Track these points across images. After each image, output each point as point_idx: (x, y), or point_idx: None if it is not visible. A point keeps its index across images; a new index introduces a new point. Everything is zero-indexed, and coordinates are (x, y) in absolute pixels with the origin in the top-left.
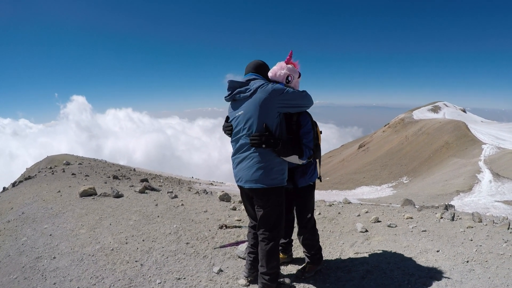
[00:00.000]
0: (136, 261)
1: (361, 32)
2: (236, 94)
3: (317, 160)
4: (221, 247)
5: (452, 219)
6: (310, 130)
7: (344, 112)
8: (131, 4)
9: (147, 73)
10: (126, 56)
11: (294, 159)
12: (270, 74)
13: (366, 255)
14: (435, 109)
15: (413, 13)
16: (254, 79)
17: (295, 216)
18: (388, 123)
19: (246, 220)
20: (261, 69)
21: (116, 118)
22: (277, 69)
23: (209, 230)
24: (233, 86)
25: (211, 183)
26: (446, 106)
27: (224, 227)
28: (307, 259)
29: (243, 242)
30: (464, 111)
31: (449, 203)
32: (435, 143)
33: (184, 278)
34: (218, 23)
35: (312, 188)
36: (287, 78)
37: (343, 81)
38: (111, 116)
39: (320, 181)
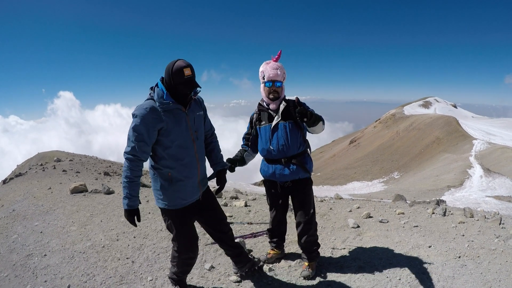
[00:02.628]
0: (127, 258)
1: (352, 26)
2: None
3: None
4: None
5: (444, 215)
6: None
7: (335, 107)
8: None
9: (136, 68)
10: (114, 51)
11: (319, 126)
12: (270, 74)
13: (358, 251)
14: (426, 105)
15: (403, 8)
16: None
17: (295, 213)
18: (379, 119)
19: (238, 217)
20: None
21: (105, 114)
22: (275, 69)
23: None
24: None
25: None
26: (437, 101)
27: None
28: (307, 256)
29: (234, 238)
30: (455, 106)
31: (441, 199)
32: (426, 138)
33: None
34: (207, 17)
35: (311, 181)
36: (283, 75)
37: (334, 77)
38: (100, 112)
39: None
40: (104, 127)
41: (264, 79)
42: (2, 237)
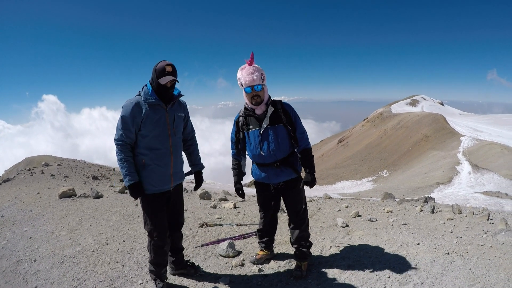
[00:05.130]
0: (117, 262)
1: (337, 25)
2: None
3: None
4: (202, 245)
5: (432, 212)
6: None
7: (322, 107)
8: None
9: (121, 71)
10: (97, 53)
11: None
12: (246, 80)
13: (347, 250)
14: (413, 103)
15: (388, 7)
16: None
17: (288, 210)
18: (367, 118)
19: (227, 218)
20: None
21: (91, 117)
22: (251, 74)
23: (190, 229)
24: None
25: (191, 181)
26: (424, 99)
27: (205, 226)
28: (300, 255)
29: (224, 240)
30: (442, 104)
31: (429, 196)
32: (414, 136)
33: (167, 278)
34: (194, 18)
35: (301, 178)
36: (261, 77)
37: (320, 77)
38: (86, 116)
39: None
40: (91, 130)
41: (242, 85)
42: None
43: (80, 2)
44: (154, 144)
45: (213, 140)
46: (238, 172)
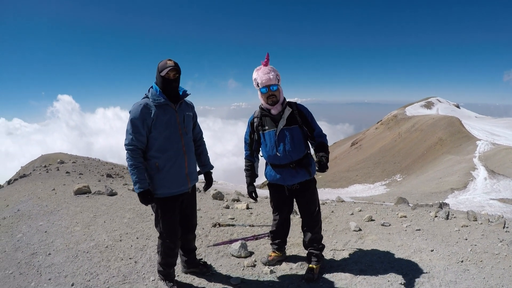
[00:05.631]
0: (130, 258)
1: (351, 27)
2: None
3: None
4: (214, 245)
5: (447, 218)
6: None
7: (335, 109)
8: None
9: (134, 72)
10: (111, 54)
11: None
12: (263, 80)
13: (360, 254)
14: (428, 105)
15: (403, 8)
16: None
17: (301, 212)
18: (381, 120)
19: (240, 219)
20: None
21: (105, 117)
22: (267, 74)
23: (203, 229)
24: None
25: (203, 181)
26: (439, 101)
27: (218, 226)
28: (312, 258)
29: (236, 240)
30: (457, 106)
31: (444, 201)
32: (429, 139)
33: (178, 276)
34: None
35: (315, 180)
36: (277, 77)
37: (334, 78)
38: (100, 115)
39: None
40: (105, 129)
41: (258, 86)
42: (7, 235)
43: (96, 2)
44: (166, 146)
45: (226, 140)
46: (251, 173)
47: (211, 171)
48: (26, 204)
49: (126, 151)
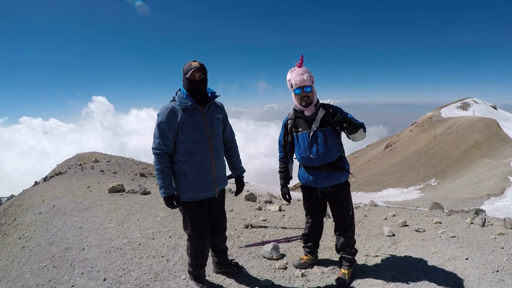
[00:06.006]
0: (162, 256)
1: (385, 27)
2: None
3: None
4: (246, 246)
5: (483, 225)
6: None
7: (369, 110)
8: (154, 2)
9: (167, 73)
10: (144, 57)
11: (361, 133)
12: (297, 81)
13: (393, 260)
14: (464, 106)
15: (439, 7)
16: None
17: (334, 216)
18: (415, 122)
19: (272, 221)
20: None
21: (138, 118)
22: (301, 75)
23: (235, 229)
24: None
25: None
26: (476, 102)
27: (250, 227)
28: (344, 263)
29: (268, 242)
30: (494, 107)
31: (480, 208)
32: (465, 142)
33: (209, 275)
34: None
35: (349, 184)
36: (310, 78)
37: (367, 79)
38: (134, 116)
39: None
40: (138, 130)
41: (292, 87)
42: (43, 230)
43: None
44: (193, 150)
45: (258, 142)
46: (285, 175)
47: (243, 175)
48: (62, 200)
49: (153, 155)
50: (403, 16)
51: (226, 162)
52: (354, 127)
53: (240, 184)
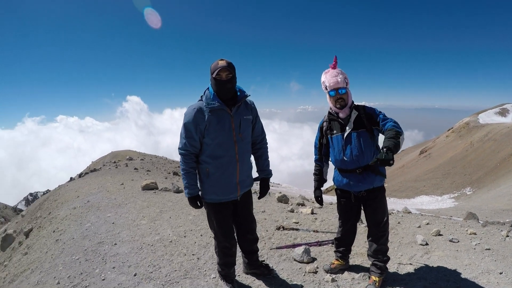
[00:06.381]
0: (193, 254)
1: (422, 28)
2: None
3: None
4: (277, 248)
5: None
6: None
7: (404, 114)
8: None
9: (201, 73)
10: (180, 56)
11: (402, 142)
12: (331, 83)
13: (425, 270)
14: (503, 112)
15: (477, 10)
16: None
17: (368, 221)
18: (452, 127)
19: (304, 224)
20: None
21: (172, 117)
22: (335, 77)
23: (266, 231)
24: None
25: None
26: None
27: (282, 229)
28: (375, 270)
29: (299, 245)
30: None
31: None
32: (503, 150)
33: (239, 275)
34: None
35: (384, 189)
36: (345, 80)
37: (403, 81)
38: (168, 116)
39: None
40: (172, 129)
41: (327, 89)
42: (77, 224)
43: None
44: (218, 152)
45: (292, 144)
46: (319, 178)
47: (269, 178)
48: (96, 196)
49: (179, 155)
50: (442, 17)
51: (252, 164)
52: (396, 146)
53: (264, 187)
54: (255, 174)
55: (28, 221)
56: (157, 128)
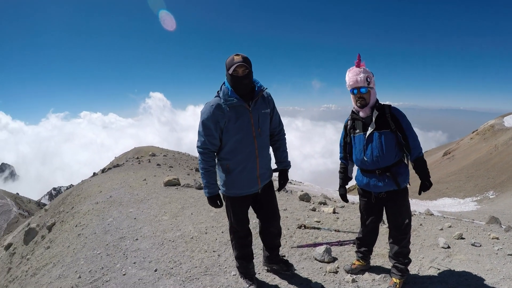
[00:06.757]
0: (214, 251)
1: (449, 28)
2: None
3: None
4: (298, 246)
5: None
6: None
7: (428, 115)
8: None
9: (221, 70)
10: (203, 53)
11: None
12: (350, 82)
13: (446, 273)
14: None
15: (501, 9)
16: None
17: (389, 223)
18: (476, 130)
19: (325, 223)
20: None
21: (195, 114)
22: (355, 75)
23: (288, 229)
24: None
25: (290, 182)
26: None
27: (303, 227)
28: (396, 272)
29: (321, 244)
30: None
31: None
32: None
33: (259, 273)
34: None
35: (407, 190)
36: (367, 79)
37: (428, 82)
38: (191, 112)
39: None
40: (195, 126)
41: (349, 87)
42: (99, 219)
43: (187, 3)
44: (238, 148)
45: (314, 142)
46: (344, 176)
47: (288, 169)
48: (118, 191)
49: (198, 153)
50: (470, 18)
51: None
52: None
53: (283, 178)
54: (273, 165)
55: (51, 216)
56: (180, 124)
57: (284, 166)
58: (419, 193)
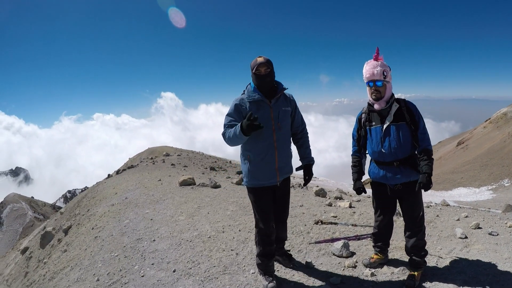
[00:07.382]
0: (231, 250)
1: (459, 17)
2: None
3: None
4: (316, 242)
5: None
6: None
7: (441, 105)
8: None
9: (236, 68)
10: (215, 52)
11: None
12: (367, 75)
13: (464, 263)
14: None
15: None
16: None
17: (404, 216)
18: (489, 118)
19: (342, 218)
20: None
21: (207, 112)
22: (372, 68)
23: (305, 225)
24: None
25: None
26: None
27: (320, 223)
28: (414, 265)
29: (338, 239)
30: None
31: None
32: None
33: (278, 271)
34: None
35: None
36: (383, 73)
37: (440, 72)
38: (203, 111)
39: None
40: (207, 124)
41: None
42: (115, 221)
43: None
44: (258, 140)
45: (328, 137)
46: (359, 169)
47: (312, 163)
48: (134, 192)
49: (222, 136)
50: (481, 6)
51: (292, 153)
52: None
53: (308, 173)
54: (297, 163)
55: (67, 219)
56: (192, 123)
57: (308, 161)
58: (417, 189)
